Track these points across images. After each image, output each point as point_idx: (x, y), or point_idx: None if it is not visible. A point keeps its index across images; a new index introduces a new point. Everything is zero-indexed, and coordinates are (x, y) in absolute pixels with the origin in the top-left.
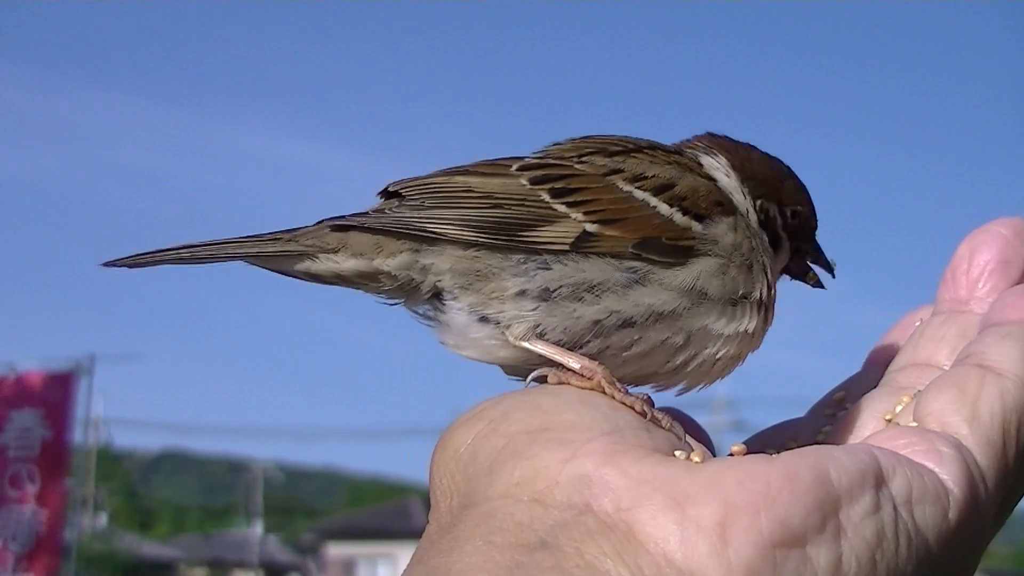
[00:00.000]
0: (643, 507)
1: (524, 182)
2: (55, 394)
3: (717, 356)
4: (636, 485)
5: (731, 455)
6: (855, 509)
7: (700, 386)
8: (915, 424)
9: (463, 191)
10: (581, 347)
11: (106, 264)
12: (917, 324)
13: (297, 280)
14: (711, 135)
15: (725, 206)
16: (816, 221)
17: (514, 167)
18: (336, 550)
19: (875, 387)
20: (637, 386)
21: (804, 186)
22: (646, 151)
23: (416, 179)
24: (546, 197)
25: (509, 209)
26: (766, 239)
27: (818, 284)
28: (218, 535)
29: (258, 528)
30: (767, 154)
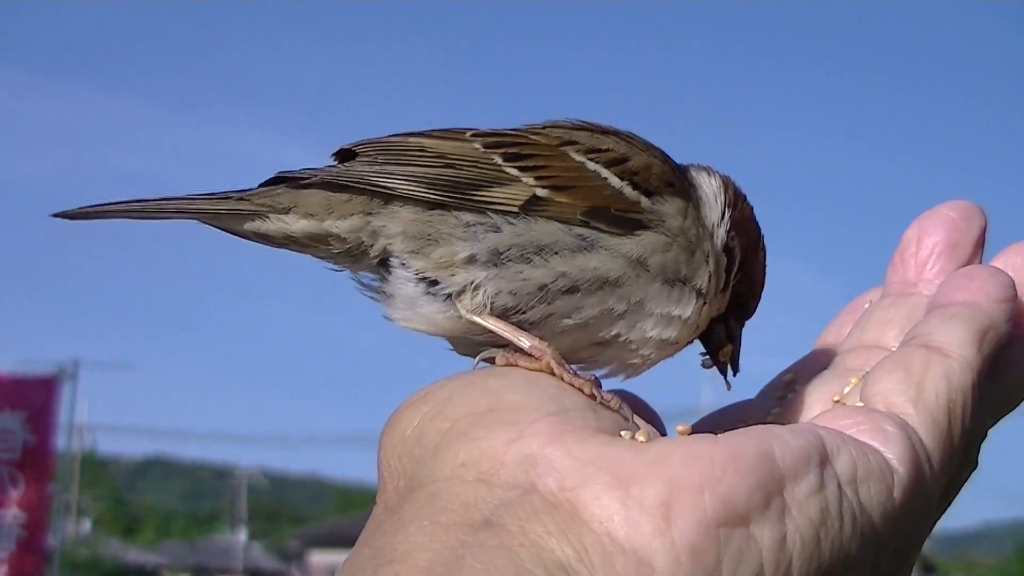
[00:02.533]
0: (587, 487)
1: (477, 146)
2: (38, 398)
3: (649, 335)
4: (581, 465)
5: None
6: (799, 488)
7: (627, 371)
8: (861, 404)
9: (417, 150)
10: (525, 312)
11: (55, 215)
12: (866, 306)
13: (248, 241)
14: (726, 176)
15: (676, 188)
16: (753, 312)
17: (468, 134)
18: (320, 557)
19: (824, 369)
20: (572, 364)
21: (765, 276)
22: (604, 134)
23: (371, 139)
24: (499, 160)
25: (461, 169)
26: (724, 260)
27: (724, 370)
28: (203, 542)
29: (242, 535)
30: (759, 228)
